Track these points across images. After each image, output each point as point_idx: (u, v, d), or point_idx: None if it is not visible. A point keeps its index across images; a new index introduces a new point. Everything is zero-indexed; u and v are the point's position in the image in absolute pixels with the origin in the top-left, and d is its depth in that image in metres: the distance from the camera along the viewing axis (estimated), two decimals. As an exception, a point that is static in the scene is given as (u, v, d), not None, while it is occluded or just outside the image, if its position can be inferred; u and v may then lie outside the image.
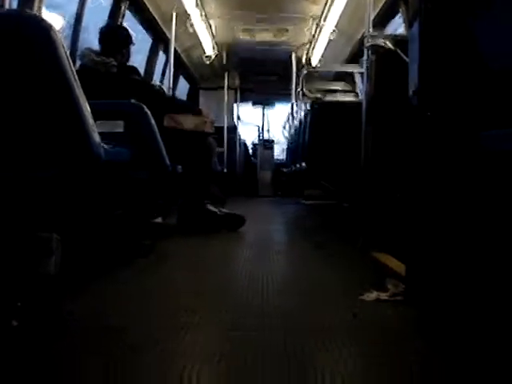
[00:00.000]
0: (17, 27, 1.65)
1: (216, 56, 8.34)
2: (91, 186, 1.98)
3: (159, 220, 4.10)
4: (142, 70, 7.11)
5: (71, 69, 1.71)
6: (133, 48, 3.95)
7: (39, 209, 1.77)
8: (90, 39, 4.35)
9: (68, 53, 1.70)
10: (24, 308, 1.46)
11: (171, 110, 3.84)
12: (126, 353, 1.46)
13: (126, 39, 3.91)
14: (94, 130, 1.84)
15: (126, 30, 4.06)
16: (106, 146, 1.99)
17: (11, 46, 1.65)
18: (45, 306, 1.54)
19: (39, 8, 3.65)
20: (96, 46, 3.80)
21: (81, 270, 2.30)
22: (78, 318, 1.71)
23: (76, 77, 1.73)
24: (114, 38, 3.82)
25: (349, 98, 5.42)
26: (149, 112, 2.96)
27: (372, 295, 2.04)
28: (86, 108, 1.79)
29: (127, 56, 3.87)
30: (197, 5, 6.35)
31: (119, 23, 5.59)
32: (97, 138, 1.86)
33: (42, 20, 1.67)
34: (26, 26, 1.66)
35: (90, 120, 1.81)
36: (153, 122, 2.99)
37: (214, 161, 4.36)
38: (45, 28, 1.65)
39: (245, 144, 11.02)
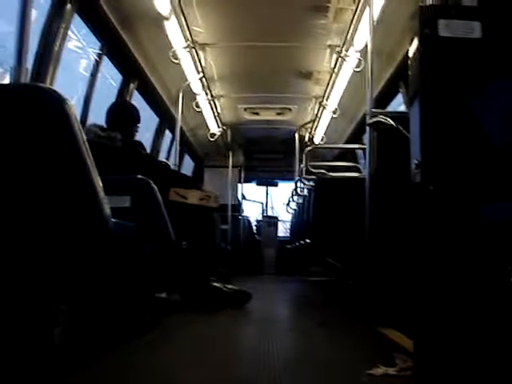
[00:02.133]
0: (32, 100, 1.71)
1: (221, 134, 8.50)
2: (100, 258, 1.99)
3: (163, 295, 4.07)
4: (148, 148, 7.26)
5: (84, 142, 1.75)
6: (140, 126, 4.03)
7: (48, 279, 1.78)
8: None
9: (81, 127, 1.76)
10: (30, 377, 1.45)
11: (175, 184, 3.88)
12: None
13: (133, 116, 3.97)
14: (106, 202, 1.87)
15: (135, 108, 4.14)
16: (113, 220, 2.02)
17: (27, 119, 1.70)
18: (50, 375, 1.52)
19: (51, 81, 3.76)
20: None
21: (84, 343, 2.28)
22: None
23: (89, 150, 1.78)
24: (122, 114, 3.89)
25: (352, 174, 5.48)
26: (155, 187, 2.99)
27: (380, 370, 2.01)
28: (98, 181, 1.83)
29: (134, 133, 3.93)
30: (203, 86, 6.53)
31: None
32: (108, 210, 1.89)
33: (57, 93, 1.72)
34: (41, 99, 1.72)
35: (102, 193, 1.85)
36: (159, 196, 3.02)
37: (218, 236, 4.37)
38: (59, 101, 1.70)
39: (249, 221, 11.04)
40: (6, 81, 2.14)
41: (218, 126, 8.23)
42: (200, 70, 6.05)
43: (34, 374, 1.52)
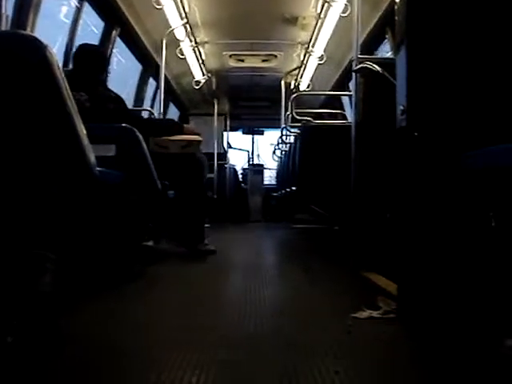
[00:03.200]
0: (12, 47, 1.67)
1: (205, 82, 8.41)
2: (86, 205, 2.00)
3: (150, 243, 4.10)
4: (132, 96, 7.18)
5: (66, 89, 1.73)
6: (122, 74, 3.89)
7: (36, 227, 1.78)
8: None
9: (63, 74, 1.73)
10: (19, 325, 1.47)
11: (157, 132, 3.80)
12: (121, 371, 1.47)
13: (101, 61, 3.71)
14: (90, 150, 1.86)
15: (102, 51, 3.99)
16: (99, 169, 2.01)
17: (7, 66, 1.67)
18: (39, 323, 1.54)
19: (32, 28, 3.66)
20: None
21: (72, 291, 2.30)
22: (72, 337, 1.72)
23: (72, 98, 1.75)
24: (88, 60, 3.60)
25: (337, 121, 5.47)
26: (140, 135, 2.97)
27: (365, 313, 2.06)
28: (82, 129, 1.81)
29: (102, 77, 3.71)
30: (186, 32, 6.42)
31: (110, 49, 5.64)
32: (92, 158, 1.88)
33: (38, 40, 1.69)
34: (22, 46, 1.68)
35: (86, 140, 1.84)
36: (144, 145, 3.00)
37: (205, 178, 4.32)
38: (40, 48, 1.67)
39: (234, 169, 11.04)
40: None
41: (203, 74, 8.12)
42: (184, 15, 5.93)
43: (23, 322, 1.53)
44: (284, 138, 6.66)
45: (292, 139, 6.17)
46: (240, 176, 11.38)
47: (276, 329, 1.97)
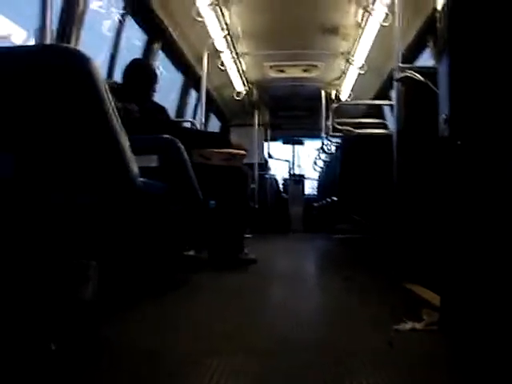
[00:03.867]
0: (58, 60, 1.72)
1: (246, 93, 8.46)
2: (129, 215, 2.03)
3: (192, 253, 4.13)
4: (174, 108, 7.27)
5: (110, 101, 1.77)
6: (165, 86, 3.97)
7: (79, 236, 1.82)
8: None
9: (107, 87, 1.77)
10: (63, 332, 1.50)
11: (203, 144, 3.85)
12: (162, 378, 1.48)
13: (149, 75, 3.86)
14: (133, 161, 1.89)
15: (151, 67, 4.07)
16: (141, 179, 2.04)
17: (52, 79, 1.72)
18: (82, 331, 1.57)
19: (76, 42, 3.76)
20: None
21: (116, 299, 2.34)
22: (114, 344, 1.75)
23: (115, 109, 1.79)
24: (138, 74, 3.78)
25: (378, 131, 5.43)
26: (182, 147, 3.01)
27: (407, 325, 2.04)
28: (125, 139, 1.84)
29: (151, 92, 3.84)
30: (227, 44, 6.48)
31: (152, 61, 5.73)
32: (135, 168, 1.91)
33: (82, 53, 1.73)
34: (67, 60, 1.72)
35: (129, 152, 1.87)
36: (186, 156, 3.03)
37: (249, 192, 4.32)
38: (84, 61, 1.71)
39: (275, 179, 11.05)
40: (32, 42, 2.15)
41: (244, 85, 8.18)
42: (224, 27, 5.98)
43: (66, 329, 1.57)
44: (325, 147, 6.64)
45: (333, 149, 6.15)
46: (281, 186, 11.37)
47: (317, 339, 1.96)
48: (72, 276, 1.61)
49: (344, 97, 8.30)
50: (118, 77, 4.79)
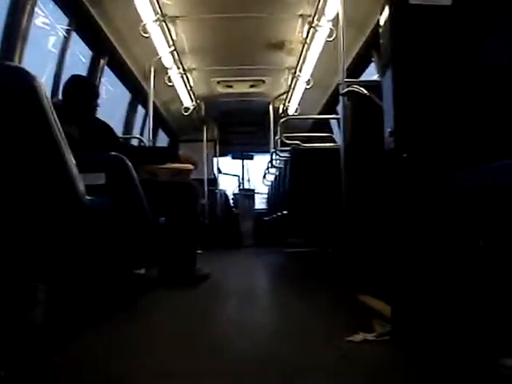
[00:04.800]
0: (1, 78, 1.68)
1: (194, 108, 8.45)
2: (77, 235, 1.98)
3: (142, 272, 4.07)
4: (121, 124, 7.20)
5: (55, 120, 1.73)
6: (110, 101, 3.91)
7: (26, 259, 1.77)
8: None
9: (51, 104, 1.73)
10: (11, 358, 1.45)
11: (147, 161, 3.81)
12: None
13: (90, 93, 3.72)
14: (79, 179, 1.86)
15: (91, 83, 4.00)
16: (88, 197, 2.00)
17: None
18: (32, 356, 1.52)
19: (20, 59, 3.67)
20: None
21: (65, 322, 2.28)
22: (65, 370, 1.70)
23: (60, 128, 1.75)
24: (78, 91, 3.63)
25: (326, 145, 5.49)
26: (129, 164, 2.97)
27: (359, 336, 2.05)
28: (71, 158, 1.81)
29: (93, 109, 3.72)
30: (174, 59, 6.47)
31: (98, 78, 5.67)
32: (82, 187, 1.87)
33: (25, 71, 1.69)
34: (10, 78, 1.69)
35: (75, 170, 1.83)
36: (134, 173, 3.00)
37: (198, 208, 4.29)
38: (28, 79, 1.67)
39: (225, 194, 11.04)
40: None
41: (192, 100, 8.17)
42: (171, 43, 5.98)
43: (16, 355, 1.51)
44: (274, 162, 6.67)
45: (282, 163, 6.19)
46: (231, 201, 11.36)
47: (271, 354, 1.95)
48: (21, 299, 1.56)
49: (292, 111, 8.38)
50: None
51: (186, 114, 8.23)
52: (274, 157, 6.51)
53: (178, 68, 6.82)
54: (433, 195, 1.99)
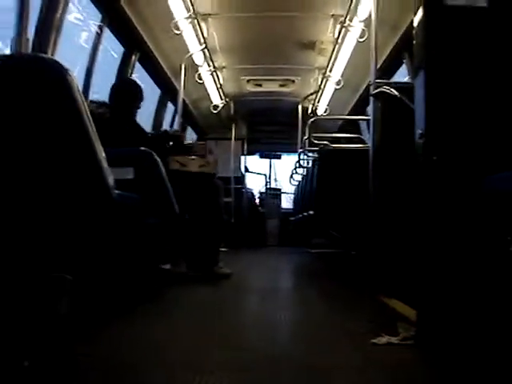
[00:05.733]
0: (34, 70, 1.69)
1: (223, 107, 8.46)
2: (105, 228, 2.00)
3: (168, 267, 4.10)
4: (150, 120, 7.25)
5: (86, 112, 1.75)
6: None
7: (54, 250, 1.79)
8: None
9: (83, 97, 1.75)
10: (36, 348, 1.46)
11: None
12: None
13: (136, 94, 3.94)
14: (109, 173, 1.87)
15: (137, 85, 4.10)
16: (117, 191, 2.02)
17: (28, 89, 1.69)
18: (57, 346, 1.54)
19: (53, 51, 3.73)
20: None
21: (90, 314, 2.30)
22: (90, 360, 1.72)
23: (91, 120, 1.77)
24: (125, 92, 3.87)
25: (355, 145, 5.46)
26: (158, 159, 2.99)
27: (383, 339, 2.04)
28: (101, 152, 1.82)
29: (135, 110, 3.93)
30: (205, 57, 6.49)
31: (129, 74, 5.71)
32: (111, 181, 1.89)
33: (58, 64, 1.71)
34: (43, 70, 1.70)
35: (105, 164, 1.85)
36: (162, 168, 3.01)
37: (222, 204, 4.35)
38: (61, 71, 1.69)
39: (252, 193, 11.04)
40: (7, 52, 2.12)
41: (221, 98, 8.18)
42: (202, 41, 5.99)
43: (40, 345, 1.53)
44: (301, 162, 6.65)
45: (310, 163, 6.17)
46: (257, 200, 11.36)
47: (293, 354, 1.95)
48: (47, 290, 1.58)
49: (321, 111, 8.34)
50: (94, 86, 4.81)
51: (214, 111, 8.25)
52: (301, 157, 6.50)
53: (209, 66, 6.84)
54: (463, 198, 1.97)
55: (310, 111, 8.55)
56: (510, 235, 1.79)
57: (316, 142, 5.24)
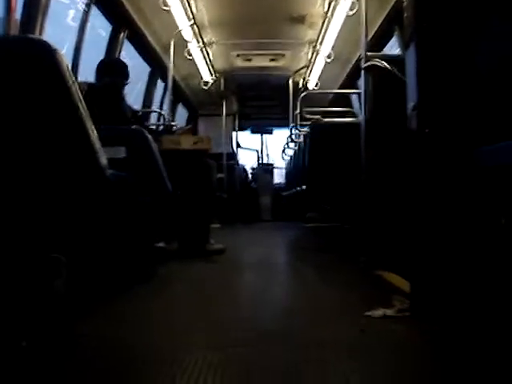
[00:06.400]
0: (22, 51, 1.68)
1: (214, 82, 8.41)
2: (99, 207, 2.00)
3: (162, 244, 4.11)
4: (140, 98, 7.20)
5: (77, 91, 1.74)
6: (132, 76, 3.96)
7: (49, 230, 1.79)
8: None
9: (73, 76, 1.74)
10: (33, 328, 1.47)
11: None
12: (137, 374, 1.47)
13: (122, 73, 3.89)
14: (102, 152, 1.87)
15: (123, 64, 4.07)
16: (110, 171, 2.02)
17: (17, 70, 1.68)
18: (53, 326, 1.55)
19: (40, 32, 3.69)
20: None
21: (86, 293, 2.31)
22: (87, 340, 1.73)
23: (82, 100, 1.76)
24: (111, 71, 3.80)
25: (347, 119, 5.44)
26: (150, 137, 2.98)
27: (378, 312, 2.05)
28: (93, 131, 1.82)
29: (122, 88, 3.88)
30: (194, 33, 6.43)
31: (117, 51, 5.66)
32: (104, 160, 1.89)
33: (47, 43, 1.70)
34: (32, 50, 1.69)
35: (97, 143, 1.84)
36: (154, 146, 3.01)
37: (214, 182, 4.36)
38: (50, 51, 1.68)
39: (244, 169, 11.04)
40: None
41: (211, 74, 8.13)
42: (191, 16, 5.93)
43: (37, 325, 1.54)
44: (293, 136, 6.64)
45: (301, 138, 6.16)
46: (250, 176, 11.36)
47: (288, 327, 1.97)
48: (42, 271, 1.58)
49: (312, 85, 8.30)
50: (83, 65, 4.76)
51: (205, 87, 8.21)
52: (293, 131, 6.48)
53: (198, 42, 6.78)
54: (454, 171, 1.97)
55: (300, 85, 8.52)
56: (502, 208, 1.80)
57: (307, 116, 5.23)
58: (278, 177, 11.16)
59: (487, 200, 1.90)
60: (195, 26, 6.23)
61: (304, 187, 4.95)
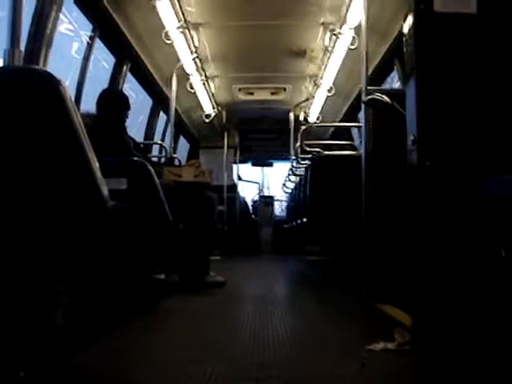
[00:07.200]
0: (27, 82, 1.70)
1: (215, 115, 8.47)
2: (100, 239, 2.00)
3: (162, 276, 4.09)
4: (142, 130, 7.25)
5: (80, 123, 1.75)
6: (134, 109, 4.00)
7: (48, 260, 1.79)
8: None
9: (76, 108, 1.75)
10: (31, 359, 1.46)
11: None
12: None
13: (122, 104, 3.93)
14: (103, 183, 1.88)
15: (124, 95, 4.11)
16: (111, 202, 2.02)
17: (20, 101, 1.70)
18: (52, 358, 1.53)
19: (44, 63, 3.73)
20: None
21: (85, 325, 2.29)
22: (85, 372, 1.71)
23: (84, 131, 1.77)
24: (112, 102, 3.85)
25: (347, 152, 5.48)
26: (151, 169, 2.99)
27: (379, 345, 2.04)
28: (95, 162, 1.83)
29: (124, 119, 3.91)
30: (196, 66, 6.50)
31: (120, 84, 5.71)
32: (106, 191, 1.89)
33: (51, 75, 1.72)
34: (36, 81, 1.71)
35: (99, 174, 1.85)
36: (155, 178, 3.01)
37: (215, 215, 4.35)
38: (53, 83, 1.70)
39: (245, 201, 11.05)
40: (0, 64, 2.13)
41: (213, 107, 8.20)
42: (193, 50, 6.01)
43: (36, 356, 1.53)
44: (294, 169, 6.67)
45: (302, 171, 6.18)
46: (250, 208, 11.36)
47: (289, 361, 1.95)
48: (42, 301, 1.57)
49: (313, 119, 8.37)
50: (86, 97, 4.80)
51: (207, 120, 8.27)
52: (294, 164, 6.51)
53: (200, 75, 6.86)
54: (455, 204, 1.98)
55: (301, 118, 8.58)
56: (502, 241, 1.80)
57: (308, 149, 5.25)
58: (279, 209, 11.16)
59: (488, 233, 1.90)
60: (197, 60, 6.31)
61: (305, 220, 4.95)
